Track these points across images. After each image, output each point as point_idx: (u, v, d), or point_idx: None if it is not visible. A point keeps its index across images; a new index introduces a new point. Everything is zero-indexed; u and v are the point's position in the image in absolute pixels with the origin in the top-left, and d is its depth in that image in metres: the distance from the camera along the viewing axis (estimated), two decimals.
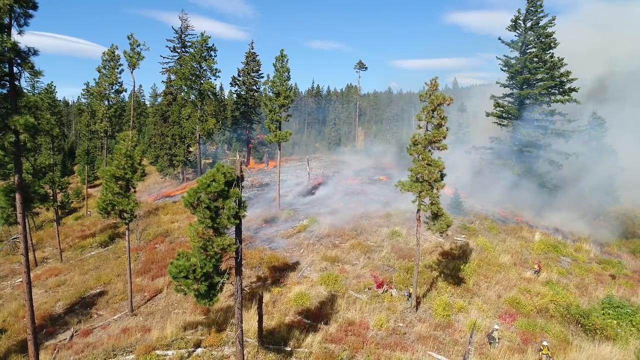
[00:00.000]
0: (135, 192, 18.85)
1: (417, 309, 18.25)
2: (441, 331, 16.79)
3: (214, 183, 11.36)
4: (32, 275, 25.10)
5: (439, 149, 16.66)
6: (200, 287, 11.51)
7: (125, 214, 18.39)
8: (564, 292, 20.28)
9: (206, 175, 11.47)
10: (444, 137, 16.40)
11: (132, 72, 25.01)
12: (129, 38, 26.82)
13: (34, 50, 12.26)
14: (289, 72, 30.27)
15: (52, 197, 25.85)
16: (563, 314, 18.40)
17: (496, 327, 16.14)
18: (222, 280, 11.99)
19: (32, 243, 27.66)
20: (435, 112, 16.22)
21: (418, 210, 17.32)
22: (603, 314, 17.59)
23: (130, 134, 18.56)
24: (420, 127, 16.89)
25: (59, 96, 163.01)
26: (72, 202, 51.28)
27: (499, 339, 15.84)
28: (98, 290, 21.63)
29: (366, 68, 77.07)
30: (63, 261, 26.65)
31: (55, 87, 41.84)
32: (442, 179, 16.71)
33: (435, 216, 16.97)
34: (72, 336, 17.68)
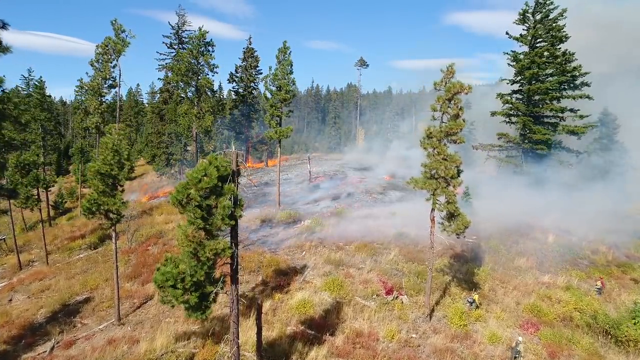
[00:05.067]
0: (122, 190, 17.28)
1: (430, 318, 16.74)
2: (458, 343, 15.28)
3: (205, 178, 9.83)
4: (15, 279, 23.62)
5: (455, 142, 15.17)
6: (190, 298, 9.99)
7: (111, 214, 16.83)
8: (588, 299, 18.77)
9: (197, 169, 9.94)
10: (461, 130, 14.91)
11: (117, 60, 23.37)
12: (112, 24, 25.21)
13: (2, 23, 10.74)
14: (291, 65, 28.75)
15: (36, 196, 24.32)
16: (589, 324, 16.90)
17: (520, 339, 14.63)
18: (215, 290, 10.47)
19: (16, 245, 26.06)
20: (451, 102, 14.71)
21: (432, 210, 15.81)
22: (634, 323, 16.07)
23: (117, 127, 17.00)
24: (435, 119, 15.38)
25: (56, 95, 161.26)
26: (65, 201, 49.71)
27: (523, 352, 14.32)
28: (84, 297, 20.03)
29: (367, 65, 75.65)
30: (49, 264, 25.05)
31: (45, 82, 40.20)
32: (458, 175, 15.21)
33: (451, 216, 15.46)
34: (52, 348, 16.09)
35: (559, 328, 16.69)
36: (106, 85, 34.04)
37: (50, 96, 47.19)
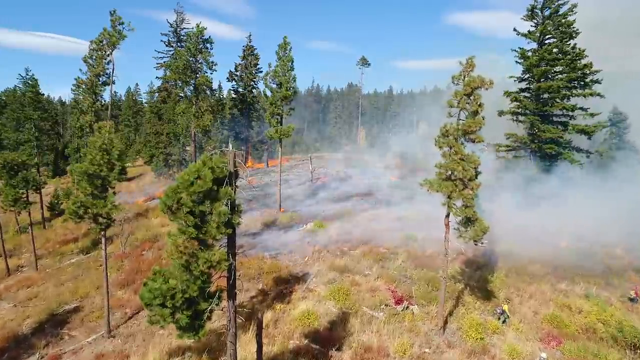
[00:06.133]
0: (114, 192, 16.09)
1: (444, 331, 15.53)
2: (476, 359, 14.07)
3: (198, 180, 8.65)
4: (2, 286, 22.41)
5: (473, 142, 13.98)
6: (181, 317, 8.79)
7: (100, 218, 15.66)
8: (611, 309, 17.56)
9: (189, 170, 8.75)
10: (480, 127, 13.72)
11: (112, 53, 22.20)
12: (111, 14, 23.99)
13: None
14: (292, 61, 27.56)
15: (25, 198, 23.15)
16: (615, 336, 15.69)
17: (544, 355, 13.44)
18: (209, 307, 9.28)
19: (4, 249, 24.83)
20: (471, 97, 13.52)
21: (447, 215, 14.61)
22: None
23: (108, 125, 15.82)
24: (451, 116, 14.19)
25: (56, 95, 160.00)
26: (62, 203, 48.46)
27: None
28: (73, 306, 18.85)
29: (369, 64, 74.46)
30: (39, 270, 23.84)
31: (37, 79, 38.97)
32: (476, 177, 14.02)
33: (469, 221, 14.27)
34: None
35: (583, 341, 15.49)
36: (100, 82, 32.82)
37: (43, 94, 45.93)
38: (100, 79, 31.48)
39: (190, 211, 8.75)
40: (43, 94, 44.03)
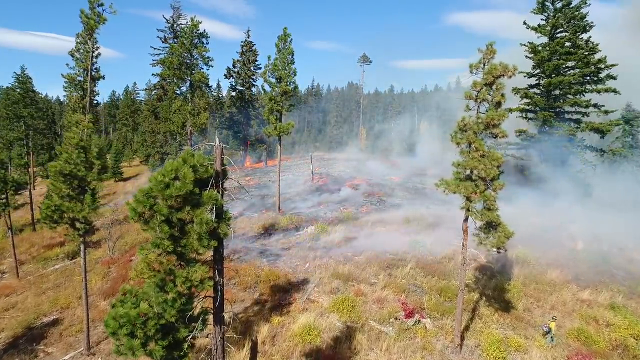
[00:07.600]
0: (93, 193, 14.50)
1: (461, 348, 13.95)
2: None
3: (176, 182, 7.07)
4: None
5: (495, 137, 12.39)
6: (155, 349, 7.20)
7: (78, 223, 14.08)
8: None
9: (165, 170, 7.15)
10: (503, 120, 12.15)
11: (89, 40, 20.51)
12: None
13: None
14: (292, 54, 25.97)
15: (3, 199, 21.60)
16: None
17: None
18: (192, 334, 7.69)
19: None
20: (492, 87, 11.94)
21: (466, 219, 13.02)
22: None
23: (86, 119, 14.25)
24: (470, 109, 12.61)
25: (54, 95, 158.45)
26: None
27: None
28: (52, 317, 17.27)
29: (370, 62, 72.89)
30: (20, 277, 22.27)
31: (30, 78, 37.46)
32: (499, 177, 12.43)
33: (490, 226, 12.68)
34: None
35: None
36: (89, 78, 31.10)
37: (36, 92, 44.40)
38: (89, 74, 29.74)
39: (167, 219, 7.17)
40: (36, 92, 42.39)
